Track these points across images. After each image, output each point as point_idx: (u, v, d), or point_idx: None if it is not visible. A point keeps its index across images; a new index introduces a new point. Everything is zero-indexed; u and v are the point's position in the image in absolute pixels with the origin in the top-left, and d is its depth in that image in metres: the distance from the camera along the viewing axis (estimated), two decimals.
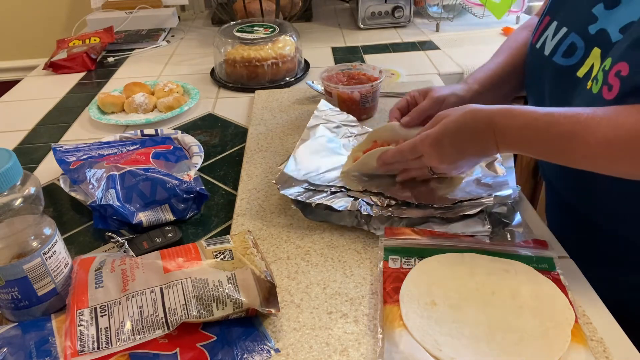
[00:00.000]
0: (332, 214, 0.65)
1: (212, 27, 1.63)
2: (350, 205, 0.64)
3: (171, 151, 0.81)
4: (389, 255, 0.57)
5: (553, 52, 0.65)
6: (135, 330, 0.47)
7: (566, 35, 0.63)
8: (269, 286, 0.51)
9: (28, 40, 1.91)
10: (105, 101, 1.02)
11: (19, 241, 0.48)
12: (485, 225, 0.61)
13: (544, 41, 0.67)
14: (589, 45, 0.60)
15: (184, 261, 0.53)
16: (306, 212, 0.65)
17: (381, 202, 0.65)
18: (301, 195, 0.66)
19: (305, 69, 1.22)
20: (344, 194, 0.67)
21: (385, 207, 0.64)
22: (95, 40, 1.39)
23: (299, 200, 0.65)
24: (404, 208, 0.64)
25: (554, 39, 0.65)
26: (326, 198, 0.65)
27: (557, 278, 0.53)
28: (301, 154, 0.73)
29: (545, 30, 0.68)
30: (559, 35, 0.64)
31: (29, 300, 0.50)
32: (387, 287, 0.53)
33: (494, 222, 0.62)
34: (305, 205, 0.66)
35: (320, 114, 0.84)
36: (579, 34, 0.61)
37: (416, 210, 0.64)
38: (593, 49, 0.59)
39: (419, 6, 1.59)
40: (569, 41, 0.62)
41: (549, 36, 0.66)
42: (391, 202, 0.65)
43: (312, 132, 0.79)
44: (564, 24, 0.64)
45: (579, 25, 0.61)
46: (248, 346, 0.48)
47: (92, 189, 0.67)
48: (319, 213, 0.65)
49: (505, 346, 0.46)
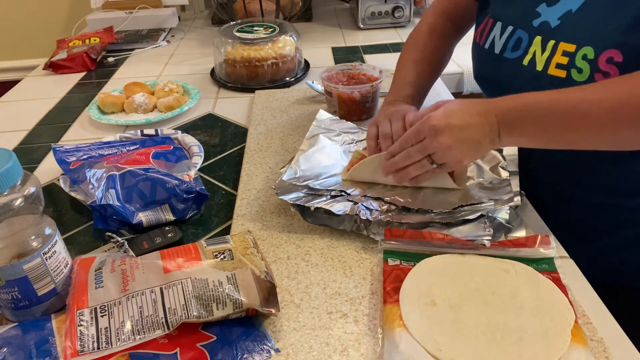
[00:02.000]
0: (331, 218, 0.64)
1: (212, 27, 1.63)
2: (350, 210, 0.63)
3: (171, 151, 0.81)
4: (388, 257, 0.57)
5: (503, 49, 0.70)
6: (135, 331, 0.47)
7: (513, 33, 0.69)
8: (269, 286, 0.51)
9: (28, 40, 1.91)
10: (105, 101, 1.02)
11: (19, 241, 0.48)
12: (487, 230, 0.59)
13: (492, 41, 0.72)
14: (532, 36, 0.66)
15: (184, 261, 0.53)
16: (305, 215, 0.65)
17: (380, 207, 0.64)
18: (300, 200, 0.65)
19: (305, 69, 1.22)
20: (344, 199, 0.66)
21: (385, 212, 0.64)
22: (95, 40, 1.39)
23: (298, 204, 0.65)
24: (404, 213, 0.63)
25: (502, 37, 0.70)
26: (325, 202, 0.65)
27: (557, 278, 0.53)
28: (301, 164, 0.73)
29: (492, 31, 0.72)
30: (506, 34, 0.70)
31: (29, 300, 0.50)
32: (387, 287, 0.53)
33: (496, 227, 0.61)
34: (304, 209, 0.65)
35: (320, 124, 0.83)
36: (524, 29, 0.67)
37: (416, 215, 0.63)
38: (535, 38, 0.65)
39: (419, 6, 1.59)
40: (516, 37, 0.68)
41: (497, 36, 0.71)
42: (391, 207, 0.64)
43: (311, 142, 0.78)
44: (509, 24, 0.70)
45: (524, 22, 0.67)
46: (248, 346, 0.48)
47: (92, 189, 0.67)
48: (318, 217, 0.65)
49: (505, 346, 0.46)
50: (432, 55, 0.84)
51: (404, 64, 0.84)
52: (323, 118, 0.85)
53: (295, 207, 0.65)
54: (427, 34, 0.85)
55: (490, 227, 0.60)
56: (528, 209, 0.68)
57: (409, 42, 0.87)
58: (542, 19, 0.65)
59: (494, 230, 0.60)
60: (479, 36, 0.76)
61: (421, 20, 0.88)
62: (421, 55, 0.83)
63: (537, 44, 0.65)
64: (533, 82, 0.64)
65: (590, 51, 0.58)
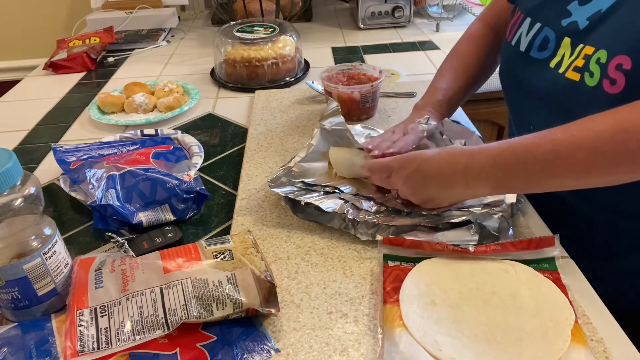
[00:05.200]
0: (321, 215, 0.64)
1: (212, 27, 1.63)
2: (339, 208, 0.63)
3: (171, 151, 0.81)
4: (388, 260, 0.57)
5: (529, 47, 0.67)
6: (135, 331, 0.47)
7: (540, 30, 0.65)
8: (269, 286, 0.51)
9: (28, 40, 1.91)
10: (105, 101, 1.02)
11: (19, 241, 0.48)
12: (474, 235, 0.59)
13: (518, 38, 0.69)
14: (560, 36, 0.62)
15: (184, 261, 0.53)
16: (296, 210, 0.65)
17: (370, 208, 0.64)
18: (292, 194, 0.65)
19: (305, 69, 1.22)
20: (336, 196, 0.66)
21: (374, 213, 0.63)
22: (95, 40, 1.39)
23: (289, 198, 0.65)
24: (393, 216, 0.63)
25: (529, 34, 0.67)
26: (317, 198, 0.65)
27: (557, 278, 0.53)
28: (297, 164, 0.72)
29: (520, 27, 0.69)
30: (533, 31, 0.67)
31: (29, 300, 0.50)
32: (387, 287, 0.53)
33: (485, 235, 0.59)
34: (295, 204, 0.65)
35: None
36: (552, 28, 0.64)
37: (405, 218, 0.62)
38: (563, 39, 0.62)
39: (419, 6, 1.59)
40: (543, 35, 0.65)
41: (524, 32, 0.68)
42: (381, 209, 0.64)
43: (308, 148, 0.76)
44: (537, 20, 0.66)
45: (552, 20, 0.64)
46: (248, 346, 0.48)
47: (92, 189, 0.67)
48: (309, 212, 0.65)
49: (505, 346, 0.46)
50: (470, 63, 0.82)
51: (439, 71, 0.83)
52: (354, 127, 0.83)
53: (286, 201, 0.66)
54: (465, 42, 0.84)
55: (477, 233, 0.59)
56: (530, 214, 0.67)
57: (451, 51, 0.86)
58: (571, 19, 0.62)
59: (482, 237, 0.59)
60: (508, 31, 0.73)
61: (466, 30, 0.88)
62: (457, 63, 0.82)
63: (567, 45, 0.61)
64: (554, 84, 0.62)
65: (604, 55, 0.55)
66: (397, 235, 0.60)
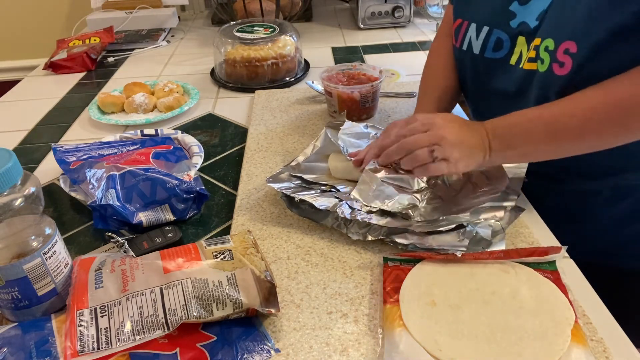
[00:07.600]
0: (315, 212, 0.64)
1: (212, 27, 1.63)
2: (332, 206, 0.63)
3: (171, 151, 0.81)
4: (388, 259, 0.57)
5: (483, 49, 0.72)
6: (135, 331, 0.47)
7: (490, 33, 0.70)
8: (269, 286, 0.51)
9: (28, 40, 1.91)
10: (105, 101, 1.02)
11: (19, 241, 0.48)
12: (463, 241, 0.58)
13: (469, 42, 0.74)
14: (514, 36, 0.68)
15: (184, 261, 0.53)
16: (292, 206, 0.66)
17: (363, 207, 0.62)
18: (288, 190, 0.66)
19: (305, 69, 1.22)
20: (331, 194, 0.66)
21: (367, 212, 0.62)
22: (95, 40, 1.39)
23: (286, 194, 0.65)
24: (386, 216, 0.62)
25: (479, 38, 0.72)
26: (312, 195, 0.65)
27: (557, 278, 0.53)
28: (300, 163, 0.73)
29: (467, 33, 0.74)
30: (482, 34, 0.71)
31: (29, 300, 0.50)
32: (387, 287, 0.53)
33: (477, 240, 0.59)
34: (291, 200, 0.66)
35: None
36: (502, 29, 0.69)
37: (397, 220, 0.61)
38: (518, 38, 0.67)
39: (419, 6, 1.59)
40: (494, 37, 0.70)
41: (473, 37, 0.73)
42: (373, 209, 0.63)
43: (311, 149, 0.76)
44: (484, 24, 0.71)
45: (500, 22, 0.69)
46: (248, 346, 0.48)
47: (92, 189, 0.67)
48: (303, 209, 0.65)
49: (505, 346, 0.46)
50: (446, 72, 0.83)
51: (422, 88, 0.84)
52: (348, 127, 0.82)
53: (283, 197, 0.66)
54: (431, 59, 0.87)
55: (466, 238, 0.58)
56: (534, 220, 0.67)
57: (423, 70, 0.87)
58: (519, 20, 0.67)
59: (474, 243, 0.58)
60: (454, 39, 0.77)
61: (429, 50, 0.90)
62: (435, 72, 0.84)
63: (522, 43, 0.67)
64: (514, 78, 0.68)
65: (552, 43, 0.61)
66: (387, 235, 0.60)
